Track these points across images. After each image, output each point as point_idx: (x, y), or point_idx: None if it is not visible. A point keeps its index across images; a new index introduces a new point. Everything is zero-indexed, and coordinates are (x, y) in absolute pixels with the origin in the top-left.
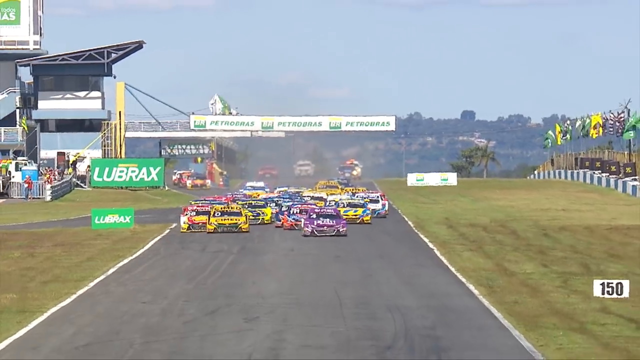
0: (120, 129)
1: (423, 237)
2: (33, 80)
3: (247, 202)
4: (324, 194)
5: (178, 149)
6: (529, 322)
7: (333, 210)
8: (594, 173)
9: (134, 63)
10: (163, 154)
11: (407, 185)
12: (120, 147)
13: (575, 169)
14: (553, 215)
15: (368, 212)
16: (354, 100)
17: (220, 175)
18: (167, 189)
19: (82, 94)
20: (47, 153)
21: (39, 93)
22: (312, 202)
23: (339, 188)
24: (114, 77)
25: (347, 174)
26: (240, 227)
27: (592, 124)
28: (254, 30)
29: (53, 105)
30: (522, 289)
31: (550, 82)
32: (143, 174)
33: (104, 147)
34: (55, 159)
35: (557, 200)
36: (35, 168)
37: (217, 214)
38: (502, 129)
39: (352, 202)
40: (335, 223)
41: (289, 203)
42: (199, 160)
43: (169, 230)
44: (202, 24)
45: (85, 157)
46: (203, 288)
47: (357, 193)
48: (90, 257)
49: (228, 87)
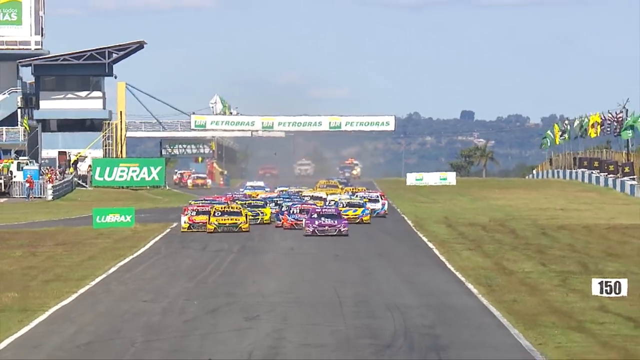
0: (121, 129)
1: (422, 236)
2: (34, 80)
3: (246, 202)
4: (324, 194)
5: (179, 149)
6: (528, 320)
7: (334, 210)
8: (592, 173)
9: (135, 63)
10: (164, 154)
11: (406, 185)
12: (121, 146)
13: (574, 169)
14: (551, 215)
15: (367, 211)
16: (354, 100)
17: (221, 175)
18: (167, 189)
19: (83, 94)
20: (48, 153)
21: (41, 93)
22: (311, 201)
23: (339, 187)
24: (115, 77)
25: (347, 174)
26: (241, 226)
27: (590, 123)
28: (254, 31)
29: (54, 105)
30: (520, 288)
31: (549, 82)
32: (144, 174)
33: (105, 146)
34: (57, 159)
35: (555, 200)
36: (37, 168)
37: (217, 214)
38: (501, 129)
39: (351, 201)
40: (337, 223)
41: (289, 203)
42: (200, 160)
43: (170, 230)
44: (202, 25)
45: (87, 156)
46: (204, 287)
47: (356, 193)
48: (92, 256)
49: (228, 87)
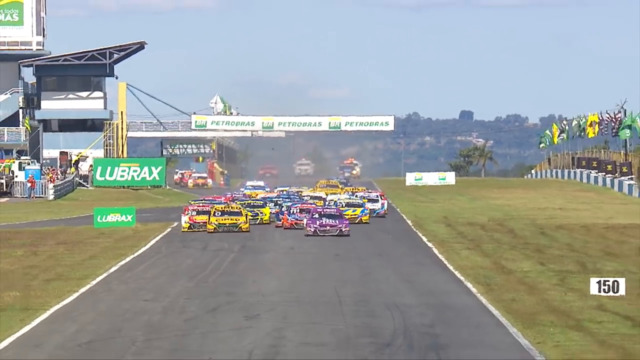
0: (122, 129)
1: (422, 235)
2: (36, 81)
3: (245, 201)
4: (324, 194)
5: (179, 149)
6: (526, 319)
7: (336, 210)
8: (591, 172)
9: (136, 63)
10: (164, 154)
11: (405, 185)
12: (122, 146)
13: (572, 169)
14: (550, 214)
15: (366, 211)
16: (354, 100)
17: (221, 175)
18: (168, 188)
19: (84, 94)
20: (49, 153)
21: (42, 93)
22: (311, 201)
23: (339, 187)
24: (116, 77)
25: (346, 174)
26: (241, 226)
27: (588, 123)
28: (255, 31)
29: (56, 106)
30: (519, 287)
31: (548, 82)
32: (145, 174)
33: (106, 146)
34: (58, 159)
35: (554, 199)
36: (38, 167)
37: (217, 214)
38: (499, 129)
39: (350, 201)
40: (338, 223)
41: (289, 203)
42: (200, 160)
43: (171, 229)
44: (203, 25)
45: (88, 156)
46: (204, 286)
47: (356, 192)
48: (93, 255)
49: (229, 87)
